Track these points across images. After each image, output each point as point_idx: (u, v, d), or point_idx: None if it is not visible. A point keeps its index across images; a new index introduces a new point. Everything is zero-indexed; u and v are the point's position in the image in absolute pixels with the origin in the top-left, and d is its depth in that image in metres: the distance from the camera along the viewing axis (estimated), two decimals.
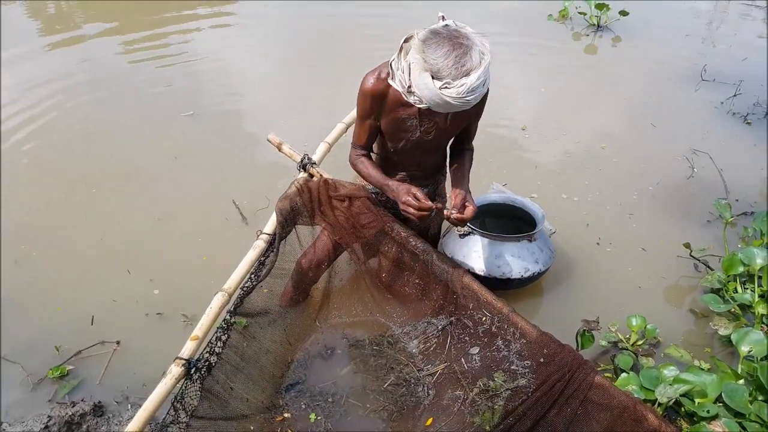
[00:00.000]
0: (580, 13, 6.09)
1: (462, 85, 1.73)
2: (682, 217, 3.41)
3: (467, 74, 1.73)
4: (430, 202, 2.07)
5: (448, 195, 2.43)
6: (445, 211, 2.14)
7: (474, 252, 2.58)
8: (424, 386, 2.20)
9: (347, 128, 3.01)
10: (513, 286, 2.64)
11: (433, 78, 1.76)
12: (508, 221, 2.95)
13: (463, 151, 2.34)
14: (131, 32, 5.67)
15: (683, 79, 5.06)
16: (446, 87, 1.75)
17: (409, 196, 2.07)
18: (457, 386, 2.17)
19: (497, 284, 2.56)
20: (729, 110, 4.55)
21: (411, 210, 2.07)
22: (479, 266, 2.56)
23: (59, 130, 4.08)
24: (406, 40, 1.91)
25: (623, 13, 5.97)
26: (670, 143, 4.13)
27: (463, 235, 2.62)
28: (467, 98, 1.77)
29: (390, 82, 1.95)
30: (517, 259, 2.56)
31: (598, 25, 6.01)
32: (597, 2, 5.86)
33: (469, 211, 2.12)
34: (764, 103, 4.63)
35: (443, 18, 1.91)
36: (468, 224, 2.49)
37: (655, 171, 3.81)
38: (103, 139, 4.00)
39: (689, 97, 4.79)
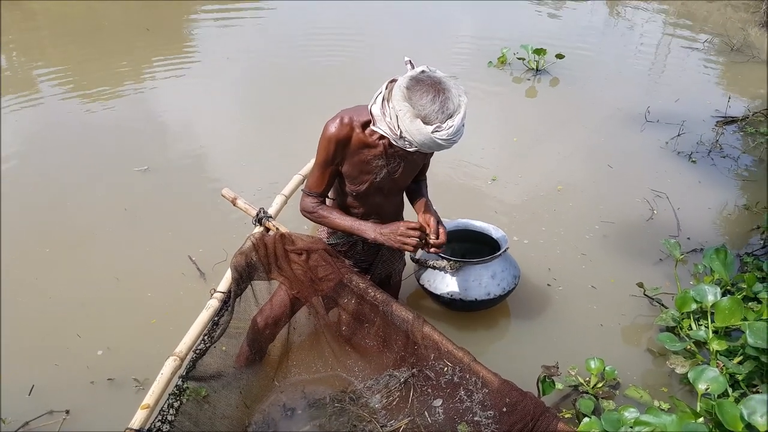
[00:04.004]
0: (518, 58, 6.33)
1: (450, 127, 1.87)
2: (636, 256, 3.49)
3: (451, 116, 1.87)
4: (420, 226, 2.20)
5: None
6: (429, 240, 2.24)
7: (473, 281, 2.72)
8: None
9: (304, 179, 3.02)
10: (508, 296, 2.82)
11: (423, 123, 1.87)
12: (461, 244, 3.09)
13: (419, 182, 2.51)
14: (85, 88, 5.62)
15: (628, 120, 5.24)
16: (437, 130, 1.87)
17: (404, 236, 2.17)
18: None
19: (498, 300, 2.79)
20: (674, 149, 4.73)
21: (413, 243, 2.18)
22: (484, 292, 2.71)
23: (8, 187, 3.97)
24: (387, 88, 1.98)
25: (559, 56, 6.23)
26: (624, 183, 4.25)
27: (455, 272, 2.71)
28: (455, 138, 1.91)
29: (374, 128, 2.02)
30: (505, 272, 2.77)
31: (537, 69, 6.24)
32: (535, 47, 6.13)
33: (443, 233, 2.24)
34: (707, 141, 4.83)
35: (410, 63, 2.01)
36: (455, 258, 2.67)
37: (609, 211, 3.90)
38: (54, 197, 3.90)
39: (636, 137, 4.96)
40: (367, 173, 2.21)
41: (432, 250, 2.24)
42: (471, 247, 3.03)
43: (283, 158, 4.27)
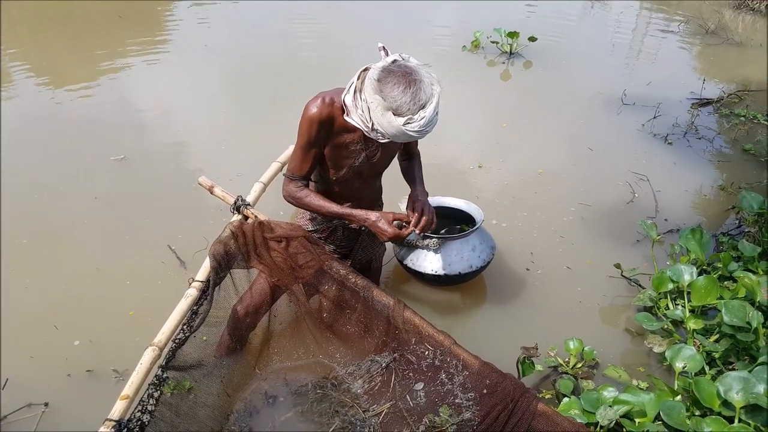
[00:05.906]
0: (492, 42, 6.34)
1: (422, 118, 1.85)
2: (613, 237, 3.52)
3: (423, 107, 1.85)
4: (404, 230, 2.23)
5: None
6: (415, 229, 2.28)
7: (455, 256, 2.75)
8: (370, 427, 2.16)
9: (282, 167, 2.99)
10: (486, 267, 2.87)
11: (394, 115, 1.85)
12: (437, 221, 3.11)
13: (412, 160, 2.50)
14: (58, 75, 5.50)
15: (606, 102, 5.27)
16: (409, 122, 1.85)
17: (387, 226, 2.19)
18: (403, 425, 2.14)
19: (479, 272, 2.85)
20: (651, 131, 4.77)
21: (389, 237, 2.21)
22: (466, 265, 2.75)
23: None
24: (359, 78, 1.96)
25: (532, 39, 6.26)
26: (603, 166, 4.28)
27: (437, 249, 2.74)
28: (427, 129, 1.90)
29: (347, 119, 2.00)
30: (483, 245, 2.83)
31: (510, 52, 6.26)
32: (509, 31, 6.15)
33: (424, 221, 2.27)
34: (683, 123, 4.88)
35: (384, 49, 1.98)
36: (439, 236, 2.70)
37: (588, 194, 3.92)
38: (31, 187, 3.82)
39: (613, 120, 4.99)
40: (347, 158, 2.20)
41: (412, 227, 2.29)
42: (444, 223, 3.06)
43: (261, 145, 4.23)
